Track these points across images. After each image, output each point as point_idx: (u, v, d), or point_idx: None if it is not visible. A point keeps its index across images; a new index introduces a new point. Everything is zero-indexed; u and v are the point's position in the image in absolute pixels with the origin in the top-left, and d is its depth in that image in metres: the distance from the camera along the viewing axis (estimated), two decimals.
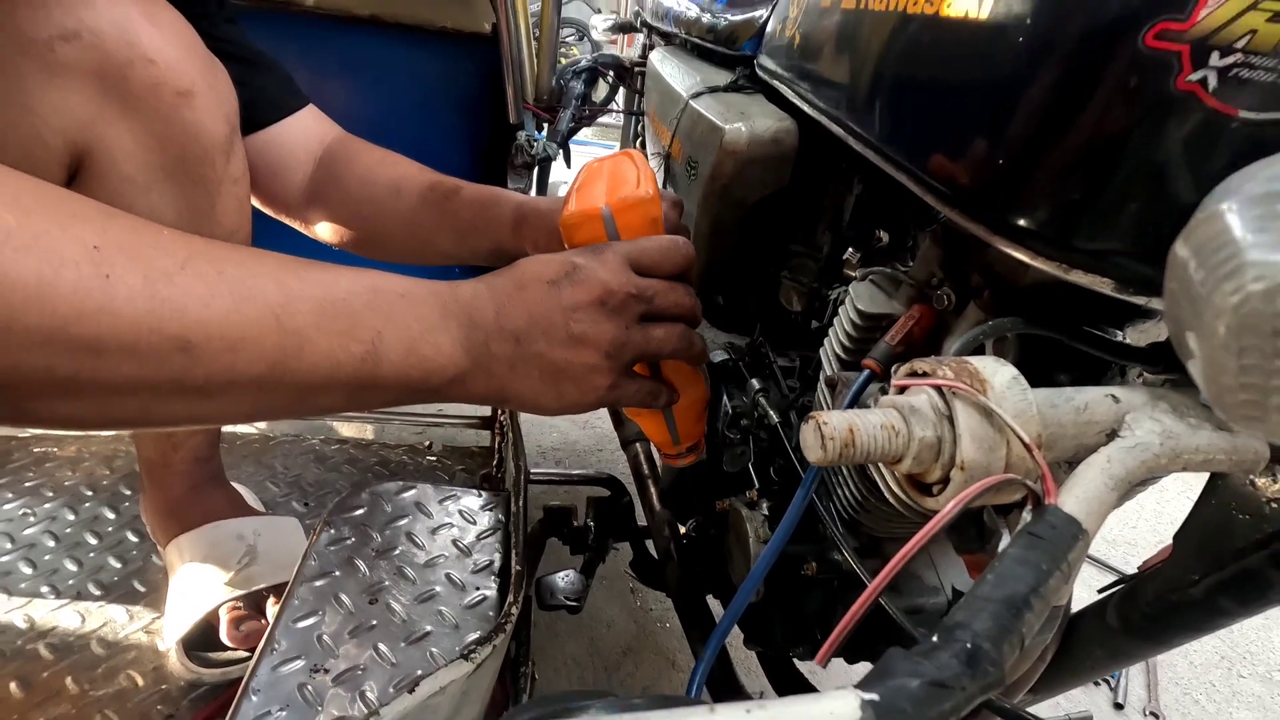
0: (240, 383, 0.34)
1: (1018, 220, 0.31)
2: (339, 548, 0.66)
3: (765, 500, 0.62)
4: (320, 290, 0.36)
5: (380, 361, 0.37)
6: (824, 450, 0.27)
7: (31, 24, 0.49)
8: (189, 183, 0.58)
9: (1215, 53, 0.23)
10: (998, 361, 0.28)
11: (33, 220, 0.29)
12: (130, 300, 0.30)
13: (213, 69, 0.57)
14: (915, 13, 0.38)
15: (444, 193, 0.65)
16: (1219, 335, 0.14)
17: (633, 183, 0.47)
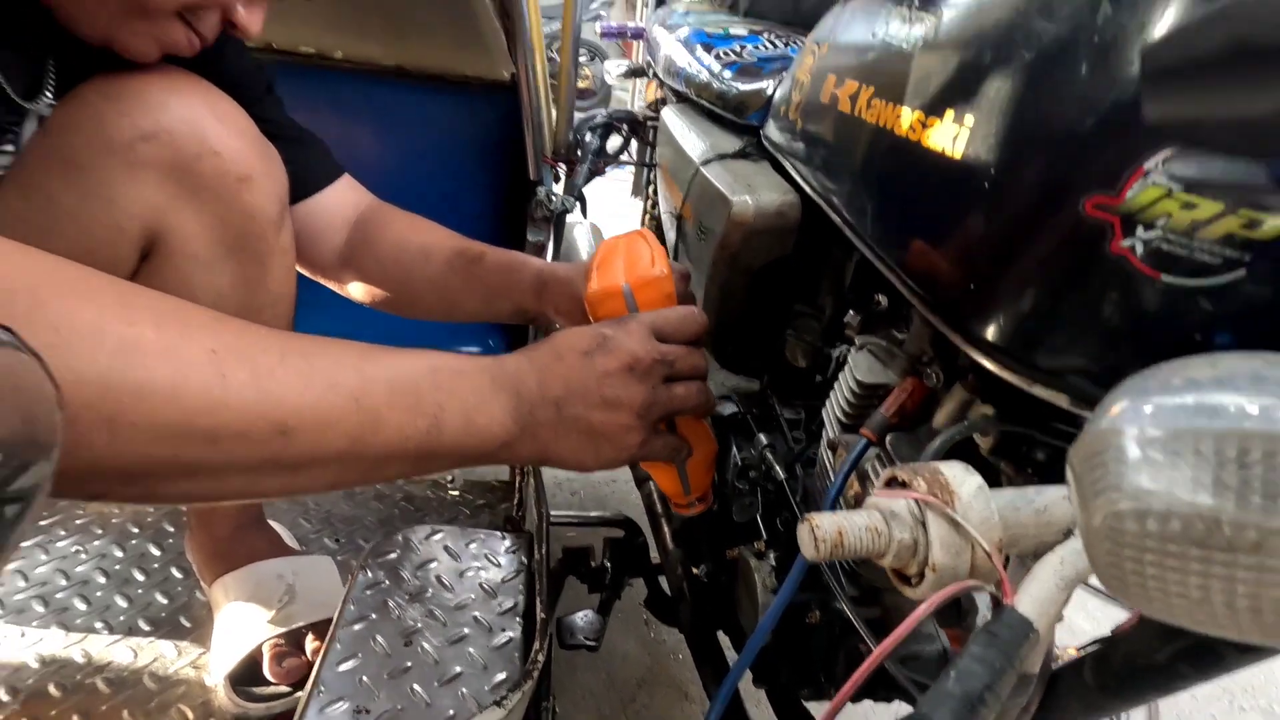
0: (326, 458, 0.39)
1: (986, 335, 0.36)
2: (374, 591, 0.71)
3: (772, 551, 0.66)
4: (391, 373, 0.42)
5: (442, 432, 0.43)
6: (817, 550, 0.31)
7: (116, 128, 0.55)
8: (245, 256, 0.64)
9: (1140, 226, 0.28)
10: (966, 470, 0.32)
11: (165, 333, 0.34)
12: (241, 394, 0.36)
13: (267, 154, 0.63)
14: (901, 135, 0.43)
15: (470, 258, 0.70)
16: (1091, 533, 0.18)
17: (648, 262, 0.54)
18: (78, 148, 0.56)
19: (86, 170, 0.55)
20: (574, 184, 1.08)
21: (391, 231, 0.74)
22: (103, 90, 0.56)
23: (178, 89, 0.57)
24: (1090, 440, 0.18)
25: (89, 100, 0.56)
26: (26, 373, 0.22)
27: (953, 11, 0.40)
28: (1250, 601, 0.15)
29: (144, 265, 0.61)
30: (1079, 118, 0.29)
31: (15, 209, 0.56)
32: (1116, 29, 0.27)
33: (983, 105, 0.35)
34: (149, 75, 0.57)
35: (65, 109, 0.57)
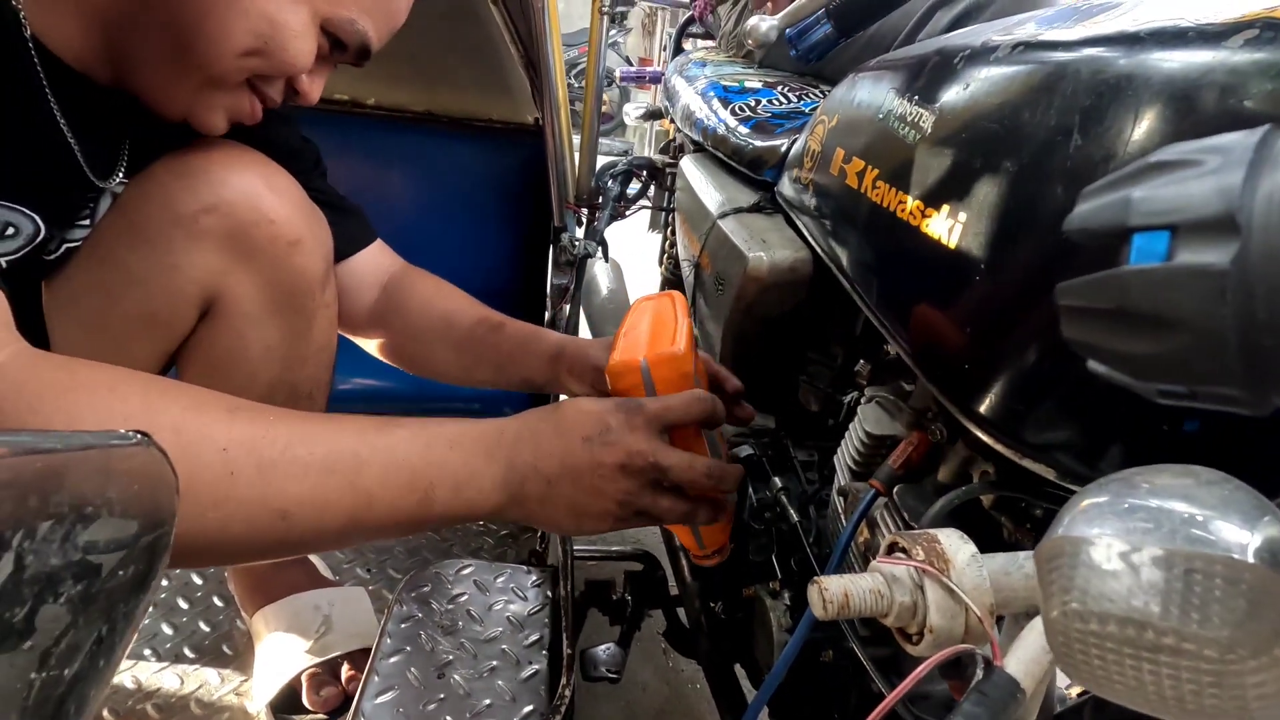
0: (325, 534, 0.44)
1: (979, 409, 0.39)
2: (409, 624, 0.75)
3: (787, 591, 0.70)
4: (385, 456, 0.46)
5: (432, 505, 0.47)
6: (825, 610, 0.35)
7: (182, 202, 0.61)
8: (293, 312, 0.69)
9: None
10: (961, 539, 0.36)
11: (182, 436, 0.40)
12: (249, 488, 0.41)
13: (316, 219, 0.69)
14: (902, 219, 0.46)
15: (490, 327, 0.74)
16: (1049, 623, 0.22)
17: (669, 338, 0.56)
18: (147, 220, 0.61)
19: (154, 240, 0.61)
20: (596, 228, 1.13)
21: (418, 296, 0.79)
22: (171, 168, 0.62)
23: (237, 165, 0.63)
24: (1052, 544, 0.22)
25: (159, 178, 0.62)
26: (156, 466, 0.27)
27: (947, 111, 0.44)
28: (1174, 693, 0.18)
29: (201, 323, 0.66)
30: (1053, 230, 0.33)
31: (89, 276, 0.62)
32: (1085, 159, 0.31)
33: (974, 204, 0.39)
34: (212, 153, 0.63)
35: (137, 186, 0.62)
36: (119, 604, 0.25)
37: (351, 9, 0.55)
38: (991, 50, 0.42)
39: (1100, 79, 0.32)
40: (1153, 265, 0.17)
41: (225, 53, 0.53)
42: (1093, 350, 0.20)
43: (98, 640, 0.23)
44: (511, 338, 0.73)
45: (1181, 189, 0.17)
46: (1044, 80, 0.36)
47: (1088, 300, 0.18)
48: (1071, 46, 0.35)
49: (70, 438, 0.22)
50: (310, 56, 0.55)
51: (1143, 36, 0.31)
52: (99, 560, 0.23)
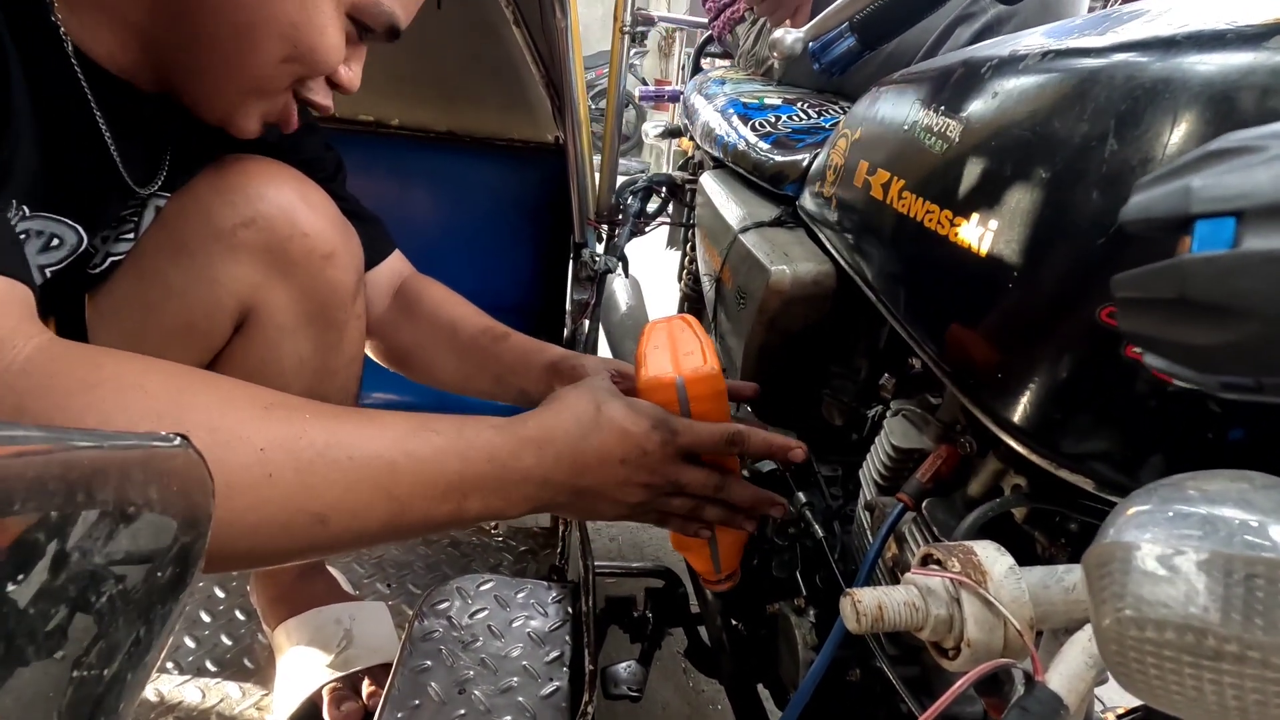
0: (361, 538, 0.45)
1: (1012, 419, 0.39)
2: (429, 640, 0.75)
3: (812, 608, 0.68)
4: (421, 465, 0.46)
5: (463, 514, 0.48)
6: (858, 624, 0.34)
7: (220, 216, 0.62)
8: (325, 324, 0.70)
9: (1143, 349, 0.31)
10: (998, 551, 0.35)
11: (218, 435, 0.39)
12: (285, 491, 0.41)
13: (348, 232, 0.70)
14: (930, 228, 0.46)
15: (493, 337, 0.75)
16: (1101, 632, 0.21)
17: (698, 356, 0.57)
18: (187, 234, 0.62)
19: (194, 254, 0.62)
20: (616, 244, 1.13)
21: (426, 302, 0.80)
22: (211, 183, 0.63)
23: (274, 180, 0.64)
24: (1101, 550, 0.21)
25: (199, 193, 0.63)
26: (194, 469, 0.27)
27: (976, 120, 0.43)
28: (1238, 704, 0.18)
29: (236, 335, 0.67)
30: (1090, 235, 0.32)
31: (129, 289, 0.63)
32: (1122, 164, 0.31)
33: (1005, 212, 0.38)
34: (250, 168, 0.64)
35: (178, 200, 0.64)
36: (156, 605, 0.25)
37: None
38: (1019, 59, 0.42)
39: (1135, 83, 0.32)
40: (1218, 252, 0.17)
41: (263, 62, 0.53)
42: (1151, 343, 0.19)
43: (135, 641, 0.23)
44: (514, 349, 0.74)
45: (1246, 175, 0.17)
46: (1076, 86, 0.35)
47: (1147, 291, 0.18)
48: (1103, 53, 0.35)
49: (115, 437, 0.22)
50: (340, 50, 0.55)
51: (1179, 40, 0.31)
52: (140, 560, 0.23)
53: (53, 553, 0.20)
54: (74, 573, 0.21)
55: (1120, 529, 0.22)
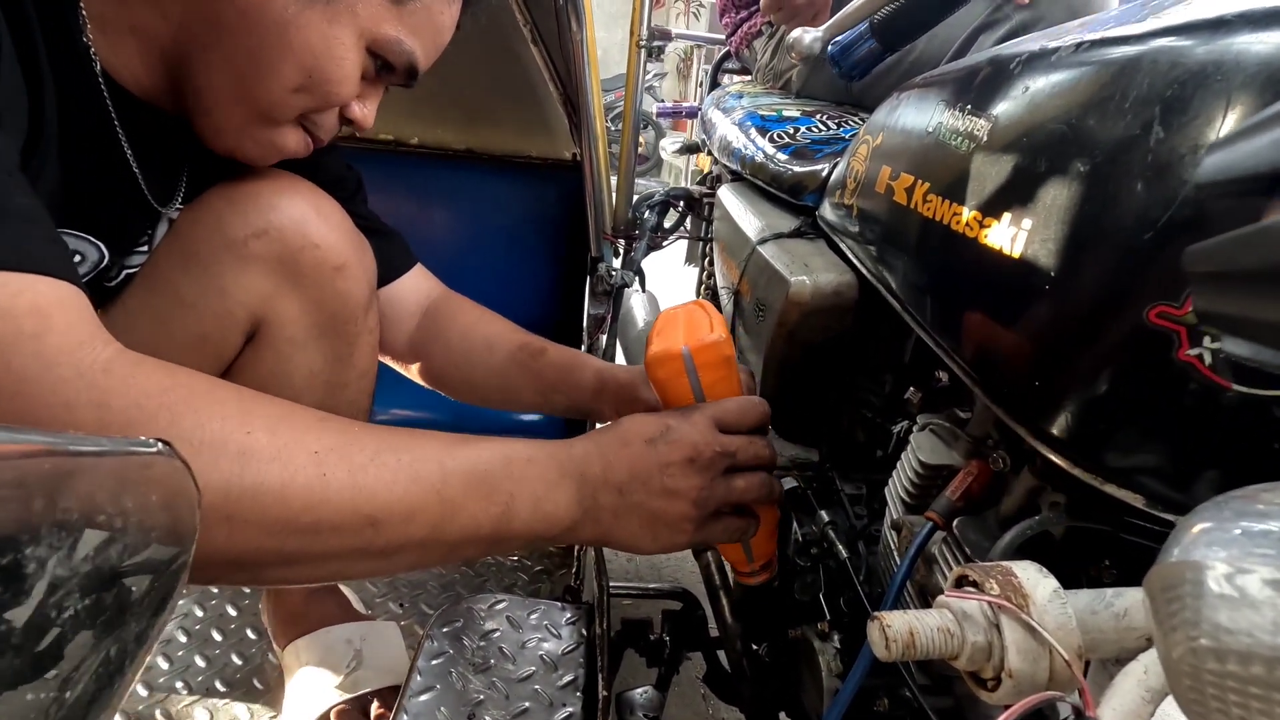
0: (409, 545, 0.43)
1: (1052, 430, 0.36)
2: (440, 661, 0.72)
3: (836, 633, 0.65)
4: (468, 465, 0.45)
5: (513, 519, 0.46)
6: (887, 650, 0.32)
7: (232, 226, 0.62)
8: (336, 337, 0.69)
9: (1207, 337, 0.28)
10: (1040, 572, 0.32)
11: (277, 438, 0.40)
12: (340, 491, 0.40)
13: (360, 245, 0.69)
14: (958, 230, 0.44)
15: (531, 353, 0.73)
16: (1171, 664, 0.18)
17: (706, 328, 0.55)
18: (199, 245, 0.62)
19: (206, 264, 0.62)
20: (633, 259, 1.12)
21: (459, 322, 0.78)
22: (224, 194, 0.63)
23: (287, 191, 0.64)
24: (1167, 571, 0.19)
25: (212, 204, 0.63)
26: (178, 478, 0.26)
27: (1006, 117, 0.41)
28: None
29: (247, 347, 0.66)
30: (1136, 230, 0.30)
31: (142, 301, 0.63)
32: (1169, 152, 0.29)
33: (1039, 210, 0.36)
34: (263, 180, 0.64)
35: (191, 212, 0.64)
36: (130, 623, 0.23)
37: (398, 28, 0.56)
38: (1051, 53, 0.40)
39: (1181, 68, 0.29)
40: None
41: (275, 88, 0.54)
42: (1233, 325, 0.17)
43: (105, 661, 0.22)
44: (553, 365, 0.73)
45: None
46: (1115, 76, 0.33)
47: (1229, 263, 0.16)
48: (1143, 39, 0.33)
49: (84, 440, 0.20)
50: (354, 83, 0.56)
51: (1229, 20, 0.29)
52: (109, 573, 0.21)
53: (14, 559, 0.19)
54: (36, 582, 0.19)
55: (1188, 547, 0.19)
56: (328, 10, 0.53)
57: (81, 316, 0.40)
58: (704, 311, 0.60)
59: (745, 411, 0.54)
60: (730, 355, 0.56)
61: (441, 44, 0.61)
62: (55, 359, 0.37)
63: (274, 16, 0.51)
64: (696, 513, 0.50)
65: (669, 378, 0.54)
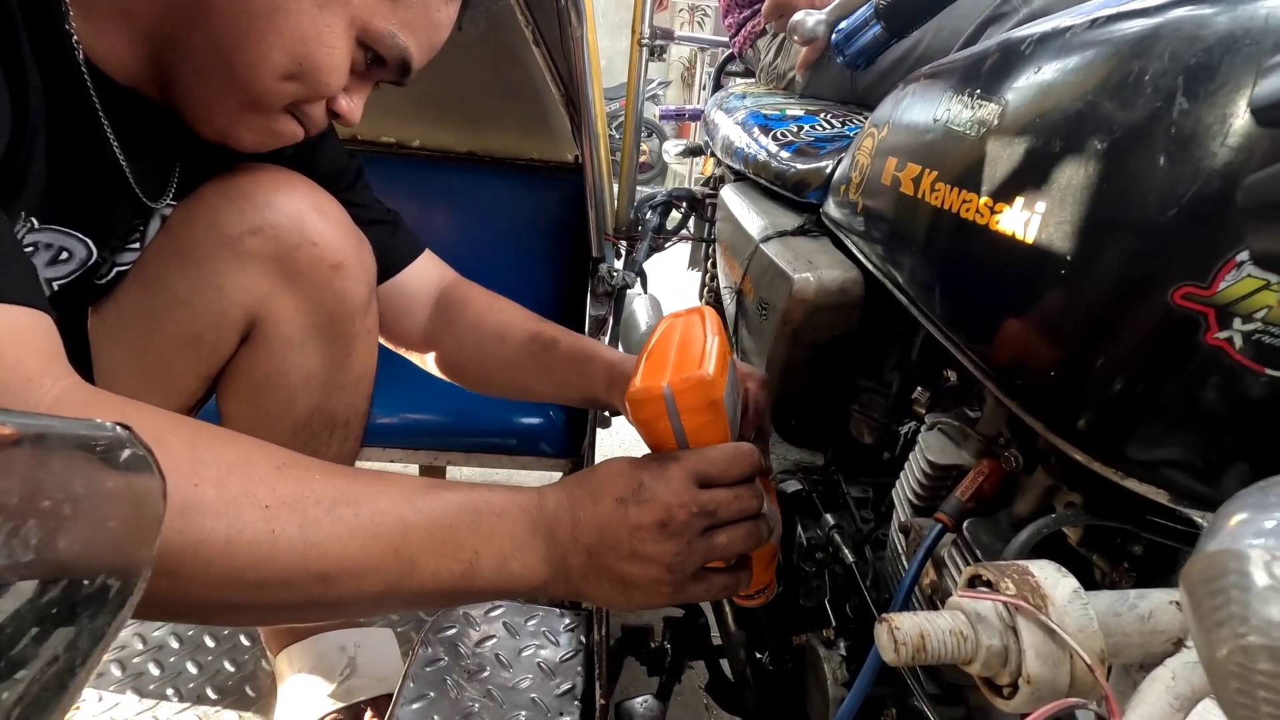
0: (363, 600, 0.42)
1: (1070, 424, 0.34)
2: (434, 668, 0.71)
3: (842, 640, 0.63)
4: (430, 520, 0.43)
5: (475, 576, 0.44)
6: (896, 653, 0.30)
7: (229, 223, 0.60)
8: (333, 338, 0.67)
9: (1237, 319, 0.26)
10: (1059, 571, 0.30)
11: (226, 490, 0.38)
12: (289, 549, 0.39)
13: (360, 243, 0.68)
14: (968, 219, 0.42)
15: (543, 343, 0.71)
16: (1215, 665, 0.17)
17: (695, 360, 0.49)
18: (194, 242, 0.61)
19: (201, 261, 0.61)
20: (634, 260, 1.11)
21: (471, 311, 0.77)
22: (219, 190, 0.62)
23: (284, 187, 0.63)
24: (1208, 562, 0.17)
25: (207, 199, 0.62)
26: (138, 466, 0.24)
27: (1017, 99, 0.40)
28: None
29: (243, 346, 0.65)
30: (1159, 208, 0.28)
31: (134, 298, 0.62)
32: (1195, 123, 0.27)
33: (1054, 192, 0.34)
34: (259, 175, 0.63)
35: (185, 208, 0.63)
36: (83, 619, 0.22)
37: (391, 22, 0.54)
38: (1064, 31, 0.38)
39: (1208, 34, 0.28)
40: None
41: (263, 74, 0.52)
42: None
43: (51, 660, 0.20)
44: (564, 357, 0.70)
45: None
46: (1133, 48, 0.32)
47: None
48: (1161, 10, 0.32)
49: (30, 418, 0.19)
50: (343, 73, 0.54)
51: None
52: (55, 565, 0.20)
53: None
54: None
55: (1230, 535, 0.17)
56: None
57: (35, 347, 0.38)
58: (701, 328, 0.55)
59: (731, 462, 0.47)
60: (717, 399, 0.48)
61: (437, 42, 0.60)
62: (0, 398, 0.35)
63: (265, 0, 0.49)
64: (671, 577, 0.45)
65: (650, 419, 0.49)
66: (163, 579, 0.35)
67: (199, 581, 0.37)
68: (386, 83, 0.60)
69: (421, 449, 1.20)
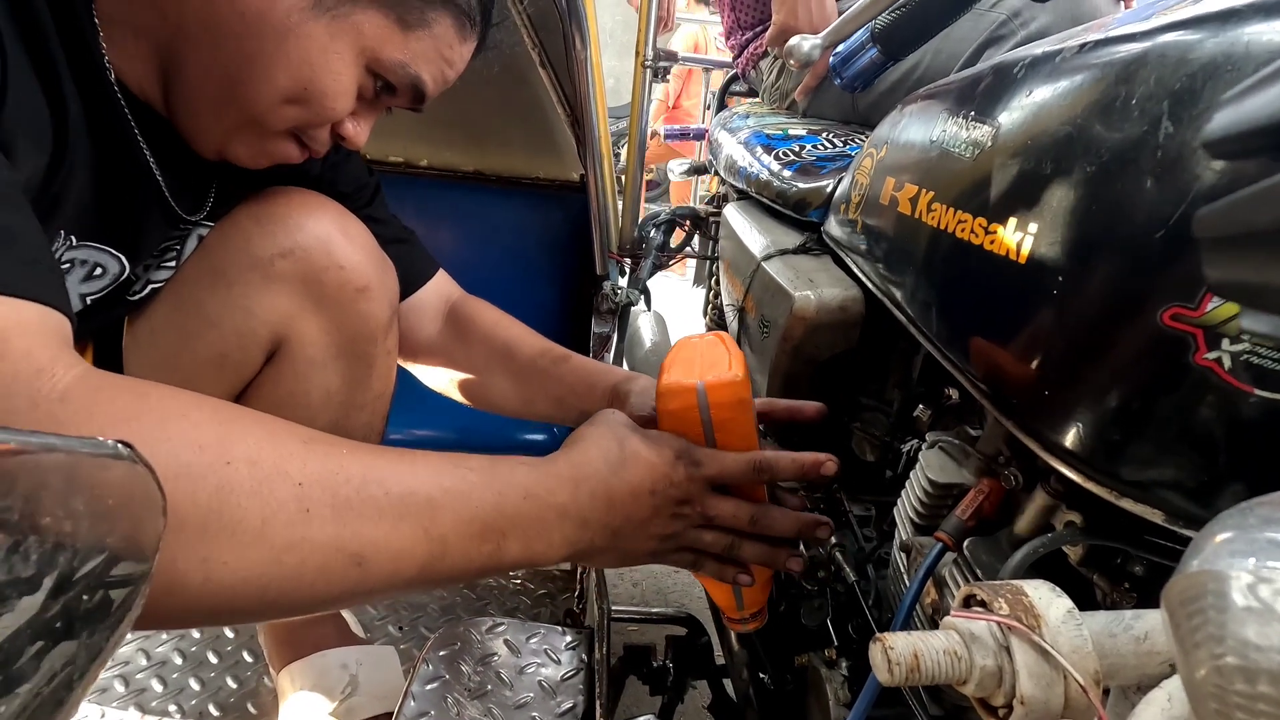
0: (398, 582, 0.41)
1: (1064, 443, 0.34)
2: (435, 686, 0.70)
3: (844, 659, 0.63)
4: (458, 501, 0.43)
5: (502, 557, 0.44)
6: (890, 674, 0.30)
7: (260, 246, 0.62)
8: (355, 358, 0.69)
9: (1225, 339, 0.27)
10: (1053, 591, 0.30)
11: (259, 469, 0.37)
12: (323, 528, 0.38)
13: (384, 267, 0.69)
14: (963, 238, 0.43)
15: (554, 358, 0.72)
16: (1194, 685, 0.17)
17: (724, 365, 0.53)
18: (226, 263, 0.63)
19: (231, 282, 0.62)
20: (639, 278, 1.12)
21: (482, 324, 0.78)
22: (251, 212, 0.64)
23: (313, 211, 0.64)
24: (1188, 583, 0.17)
25: (239, 222, 0.63)
26: (138, 482, 0.25)
27: (1010, 122, 0.40)
28: None
29: (267, 366, 0.66)
30: (1147, 230, 0.29)
31: (166, 316, 0.63)
32: (1180, 146, 0.27)
33: (1045, 213, 0.35)
34: (291, 199, 0.64)
35: (220, 230, 0.64)
36: (82, 633, 0.22)
37: (403, 52, 0.55)
38: (1054, 55, 0.39)
39: (1192, 60, 0.28)
40: None
41: (266, 96, 0.53)
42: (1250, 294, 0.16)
43: (50, 676, 0.21)
44: (574, 371, 0.71)
45: None
46: (1121, 73, 0.32)
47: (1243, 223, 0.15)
48: (1149, 35, 0.32)
49: (30, 435, 0.19)
50: (349, 99, 0.55)
51: (1240, 10, 0.27)
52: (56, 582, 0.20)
53: None
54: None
55: (1210, 556, 0.17)
56: (331, 24, 0.52)
57: (44, 340, 0.37)
58: (723, 347, 0.57)
59: (745, 474, 0.53)
60: (746, 398, 0.53)
61: (449, 79, 0.61)
62: (9, 388, 0.35)
63: (275, 23, 0.50)
64: (657, 547, 0.52)
65: (680, 411, 0.52)
66: (198, 572, 0.34)
67: (234, 568, 0.35)
68: (402, 108, 0.61)
69: None
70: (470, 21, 0.59)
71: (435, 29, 0.56)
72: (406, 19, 0.55)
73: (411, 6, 0.55)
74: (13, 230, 0.38)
